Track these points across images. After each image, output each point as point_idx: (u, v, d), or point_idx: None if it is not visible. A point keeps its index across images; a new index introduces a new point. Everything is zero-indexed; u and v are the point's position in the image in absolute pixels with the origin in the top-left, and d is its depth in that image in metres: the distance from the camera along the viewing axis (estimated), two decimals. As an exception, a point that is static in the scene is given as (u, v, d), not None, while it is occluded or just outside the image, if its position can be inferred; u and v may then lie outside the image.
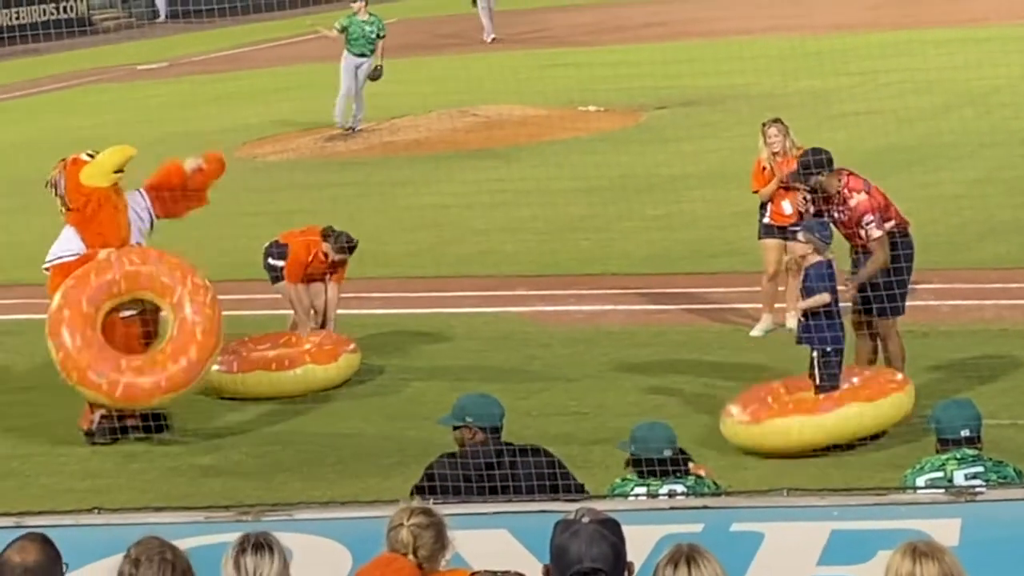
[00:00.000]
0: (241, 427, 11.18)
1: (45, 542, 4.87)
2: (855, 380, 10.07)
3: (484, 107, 24.38)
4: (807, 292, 10.05)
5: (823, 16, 32.17)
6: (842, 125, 18.09)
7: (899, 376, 10.03)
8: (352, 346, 11.82)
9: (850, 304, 10.54)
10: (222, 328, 10.79)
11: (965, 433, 7.14)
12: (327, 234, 12.23)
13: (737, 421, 9.89)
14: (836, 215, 10.48)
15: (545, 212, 17.00)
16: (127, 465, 10.64)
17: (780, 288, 12.26)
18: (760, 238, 12.40)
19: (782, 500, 6.69)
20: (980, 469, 7.01)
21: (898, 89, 21.34)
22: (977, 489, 6.71)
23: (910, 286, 10.75)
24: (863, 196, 10.38)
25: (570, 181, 18.20)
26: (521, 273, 14.79)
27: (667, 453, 7.30)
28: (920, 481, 7.03)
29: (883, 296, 10.32)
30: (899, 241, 10.46)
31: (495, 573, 4.89)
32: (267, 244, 12.48)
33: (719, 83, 23.82)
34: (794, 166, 12.19)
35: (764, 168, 12.39)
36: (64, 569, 4.86)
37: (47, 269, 11.02)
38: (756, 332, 12.28)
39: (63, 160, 10.98)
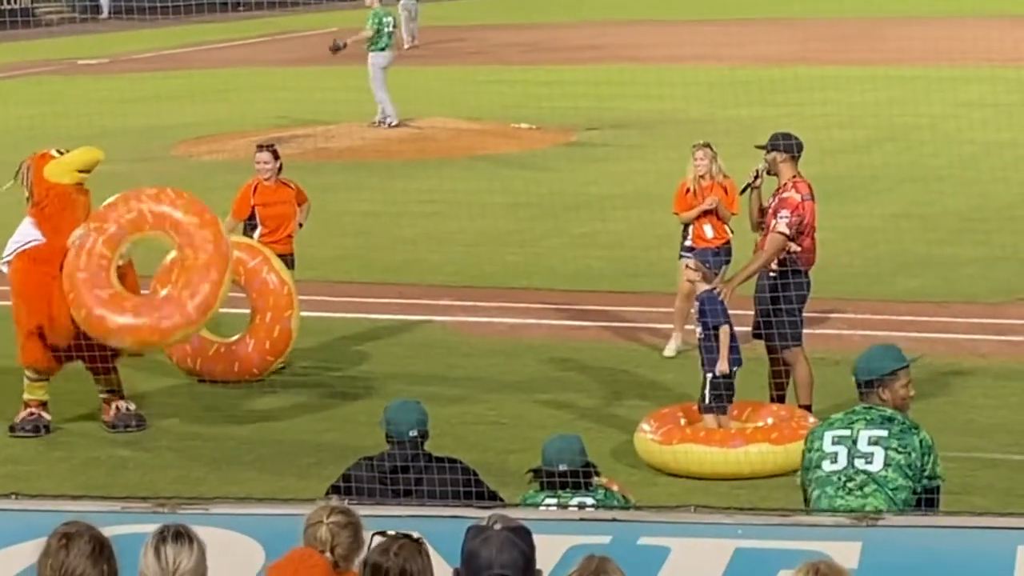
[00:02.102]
0: (162, 421, 11.22)
1: None
2: (769, 420, 10.23)
3: (418, 118, 24.52)
4: (703, 324, 10.29)
5: (752, 47, 32.57)
6: (768, 154, 18.33)
7: (811, 421, 10.02)
8: None
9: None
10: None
11: (877, 375, 7.10)
12: (260, 146, 12.94)
13: (648, 438, 10.05)
14: (772, 201, 10.60)
15: (473, 225, 17.14)
16: (48, 453, 10.67)
17: (692, 309, 12.48)
18: (680, 257, 12.54)
19: (689, 516, 6.76)
20: (884, 433, 6.96)
21: (823, 122, 21.61)
22: (879, 513, 6.83)
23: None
24: (797, 197, 10.50)
25: (500, 195, 18.37)
26: (446, 283, 14.91)
27: (562, 467, 7.37)
28: (827, 437, 7.03)
29: (774, 326, 10.45)
30: (799, 271, 10.57)
31: (385, 532, 4.90)
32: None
33: (650, 107, 24.12)
34: (716, 193, 12.40)
35: (688, 190, 12.58)
36: None
37: (7, 262, 11.00)
38: (668, 352, 12.46)
39: (34, 153, 11.05)
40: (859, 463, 6.96)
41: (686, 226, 12.54)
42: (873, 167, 19.10)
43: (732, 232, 12.37)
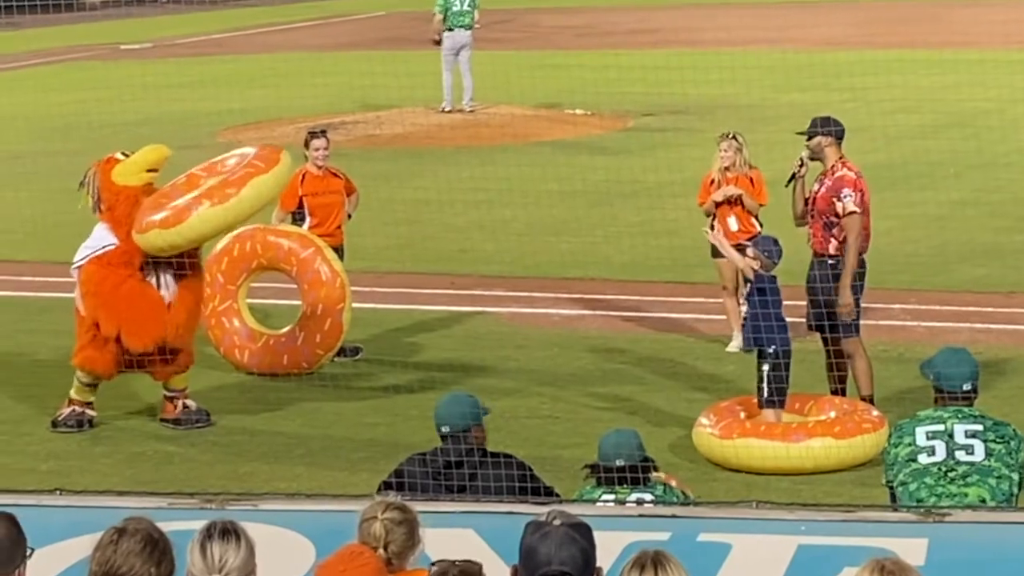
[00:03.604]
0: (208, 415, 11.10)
1: (11, 522, 4.76)
2: (832, 414, 10.05)
3: (470, 105, 24.34)
4: (750, 303, 10.07)
5: (812, 31, 32.26)
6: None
7: (875, 414, 9.92)
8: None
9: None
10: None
11: (966, 387, 7.07)
12: (314, 133, 12.66)
13: (708, 432, 9.89)
14: (818, 186, 10.38)
15: (526, 213, 16.96)
16: (91, 448, 10.54)
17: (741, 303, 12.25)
18: (713, 256, 12.19)
19: (751, 512, 6.64)
20: (979, 427, 6.97)
21: (888, 107, 21.37)
22: (945, 510, 6.69)
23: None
24: (852, 175, 10.31)
25: (553, 183, 18.18)
26: (499, 273, 14.74)
27: (619, 463, 7.28)
28: (919, 432, 6.99)
29: (836, 316, 10.26)
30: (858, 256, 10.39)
31: (453, 562, 4.83)
32: None
33: (707, 92, 23.81)
34: (741, 184, 12.11)
35: (712, 181, 12.34)
36: (28, 553, 4.75)
37: (79, 267, 10.79)
38: (732, 348, 12.19)
39: (98, 161, 10.92)
40: (960, 455, 6.96)
41: (713, 219, 12.27)
42: (939, 153, 18.81)
43: (762, 225, 12.06)
